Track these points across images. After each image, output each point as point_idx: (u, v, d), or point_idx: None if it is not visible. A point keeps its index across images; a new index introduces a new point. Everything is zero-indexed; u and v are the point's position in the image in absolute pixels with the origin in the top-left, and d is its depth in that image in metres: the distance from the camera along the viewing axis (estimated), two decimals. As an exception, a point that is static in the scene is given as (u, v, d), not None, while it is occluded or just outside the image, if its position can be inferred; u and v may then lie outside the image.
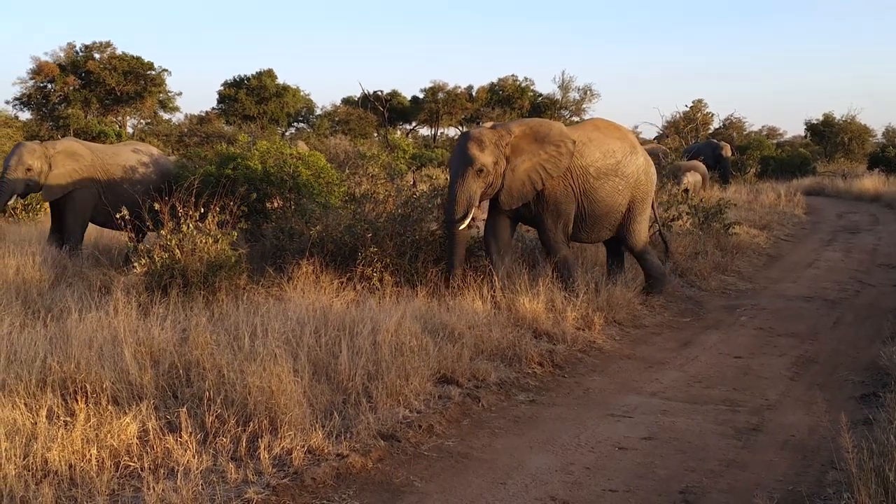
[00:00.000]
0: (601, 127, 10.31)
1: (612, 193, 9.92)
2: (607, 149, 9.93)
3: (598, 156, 9.81)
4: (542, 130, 9.53)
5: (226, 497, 4.43)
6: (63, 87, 38.45)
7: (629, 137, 10.47)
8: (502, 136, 9.28)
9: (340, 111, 42.68)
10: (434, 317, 7.73)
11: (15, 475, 4.37)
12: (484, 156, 9.05)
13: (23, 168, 11.06)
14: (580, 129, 10.03)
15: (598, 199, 9.84)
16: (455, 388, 6.58)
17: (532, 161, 9.33)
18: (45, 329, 6.70)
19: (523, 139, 9.41)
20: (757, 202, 22.80)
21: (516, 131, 9.44)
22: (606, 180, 9.84)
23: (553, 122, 9.80)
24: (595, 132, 10.04)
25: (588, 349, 8.19)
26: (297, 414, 5.37)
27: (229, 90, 42.26)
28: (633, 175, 10.12)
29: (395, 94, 45.08)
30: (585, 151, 9.70)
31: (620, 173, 9.98)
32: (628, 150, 10.15)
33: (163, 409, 5.47)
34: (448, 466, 5.26)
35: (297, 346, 6.41)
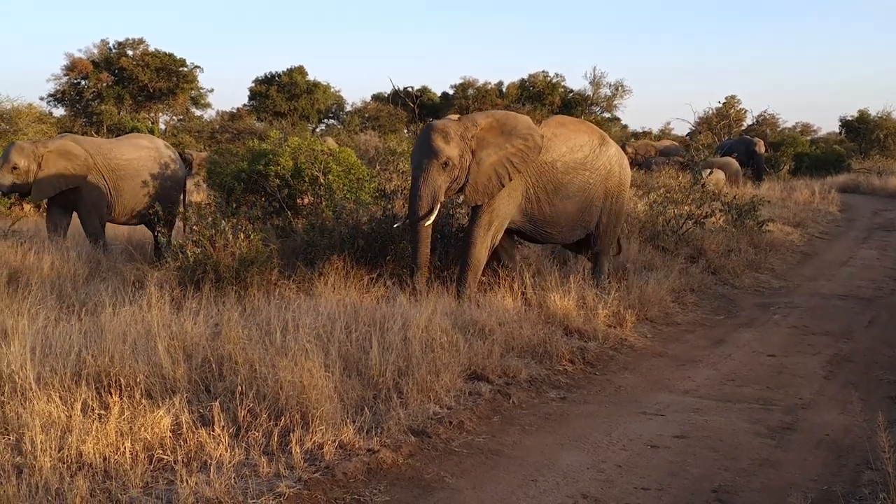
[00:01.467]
0: (566, 123, 9.88)
1: (584, 187, 9.50)
2: (574, 143, 9.50)
3: (564, 150, 9.36)
4: (509, 123, 9.06)
5: (258, 491, 4.45)
6: (96, 83, 38.87)
7: (597, 131, 10.05)
8: (468, 127, 8.80)
9: (370, 107, 42.76)
10: (464, 313, 7.72)
11: (50, 467, 4.42)
12: (449, 148, 8.55)
13: (9, 167, 11.08)
14: (544, 127, 9.57)
15: (570, 195, 9.40)
16: (485, 385, 6.57)
17: (499, 155, 8.81)
18: (80, 323, 6.76)
19: (490, 132, 8.91)
20: (791, 199, 22.60)
21: (482, 123, 8.94)
22: (576, 174, 9.41)
23: (520, 114, 9.41)
24: (560, 128, 9.58)
25: (619, 347, 8.15)
26: (329, 409, 5.38)
27: (260, 87, 42.51)
28: (605, 167, 9.72)
29: (426, 91, 45.12)
30: (551, 146, 9.23)
31: (590, 166, 9.56)
32: (597, 142, 9.73)
33: (195, 403, 5.50)
34: (479, 463, 5.25)
35: (327, 342, 6.43)
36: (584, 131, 9.77)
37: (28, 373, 5.38)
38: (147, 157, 12.14)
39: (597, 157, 9.63)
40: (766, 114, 43.93)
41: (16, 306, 7.10)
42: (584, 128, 9.93)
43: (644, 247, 11.99)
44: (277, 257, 9.06)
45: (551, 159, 9.19)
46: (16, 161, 11.05)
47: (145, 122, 36.39)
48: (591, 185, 9.55)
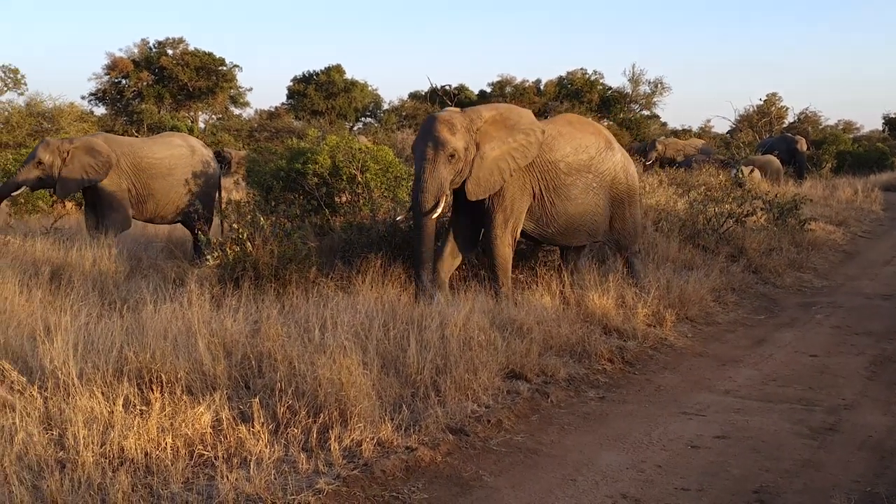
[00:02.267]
0: (574, 122, 9.66)
1: (586, 191, 9.21)
2: (579, 144, 9.24)
3: (568, 150, 9.11)
4: (512, 117, 8.87)
5: (297, 487, 4.47)
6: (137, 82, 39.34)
7: (604, 133, 9.78)
8: (473, 120, 8.62)
9: (407, 106, 42.84)
10: (502, 311, 7.70)
11: (92, 462, 4.47)
12: (456, 140, 8.37)
13: (34, 162, 11.29)
14: (551, 123, 9.40)
15: (571, 197, 9.10)
16: (524, 384, 6.55)
17: (502, 149, 8.63)
18: (122, 320, 6.84)
19: (493, 125, 8.72)
20: (833, 198, 22.29)
21: (486, 116, 8.75)
22: (579, 177, 9.14)
23: (523, 109, 9.22)
24: (567, 127, 9.37)
25: (659, 346, 8.08)
26: (367, 406, 5.39)
27: (298, 86, 42.75)
28: (610, 172, 9.45)
29: (463, 89, 45.08)
30: (555, 145, 9.02)
31: (594, 169, 9.29)
32: (603, 146, 9.47)
33: (235, 400, 5.53)
34: (517, 462, 5.23)
35: (365, 339, 6.44)
36: (591, 132, 9.54)
37: (71, 369, 5.45)
38: (179, 156, 12.22)
39: (602, 160, 9.38)
40: (807, 111, 43.39)
41: (58, 303, 7.21)
42: (592, 129, 9.70)
43: (684, 245, 11.87)
44: (315, 255, 9.09)
45: (554, 159, 8.98)
46: (41, 156, 11.28)
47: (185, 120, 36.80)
48: (594, 190, 9.30)
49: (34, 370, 5.67)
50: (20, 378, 5.45)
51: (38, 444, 4.63)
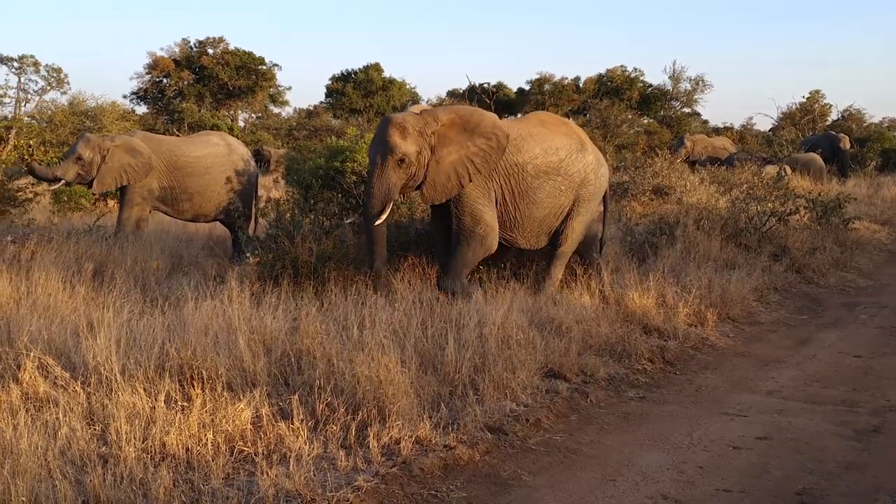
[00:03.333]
0: (547, 122, 9.22)
1: (554, 194, 8.82)
2: (550, 145, 8.81)
3: (537, 152, 8.70)
4: (472, 120, 8.46)
5: (336, 484, 4.48)
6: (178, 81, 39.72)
7: (577, 133, 9.34)
8: (428, 123, 8.27)
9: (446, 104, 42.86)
10: (541, 310, 7.67)
11: (134, 457, 4.51)
12: (406, 144, 8.08)
13: (74, 157, 11.43)
14: (522, 123, 9.08)
15: (538, 201, 8.74)
16: (562, 383, 6.51)
17: (460, 153, 8.28)
18: (163, 316, 6.91)
19: (451, 128, 8.37)
20: (878, 196, 21.92)
21: (444, 119, 8.39)
22: (547, 179, 8.73)
23: (485, 111, 8.73)
24: (539, 127, 8.96)
25: (700, 346, 8.00)
26: (405, 404, 5.39)
27: (337, 84, 42.90)
28: (580, 174, 9.00)
29: (501, 86, 44.99)
30: (524, 147, 8.63)
31: (564, 172, 8.86)
32: (575, 147, 9.02)
33: (275, 396, 5.56)
34: (556, 461, 5.20)
35: (404, 337, 6.45)
36: (564, 133, 9.10)
37: (113, 365, 5.51)
38: (216, 155, 12.29)
39: (572, 163, 8.94)
40: (851, 109, 42.69)
41: (101, 299, 7.29)
42: (566, 129, 9.27)
43: (726, 244, 11.76)
44: (354, 253, 9.12)
45: (522, 161, 8.60)
46: (81, 152, 11.42)
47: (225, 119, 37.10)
48: (562, 192, 8.89)
49: (77, 366, 5.75)
50: (63, 373, 5.53)
51: (81, 439, 4.68)
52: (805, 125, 38.53)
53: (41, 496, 4.01)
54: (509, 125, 8.77)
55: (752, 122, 45.11)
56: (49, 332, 6.29)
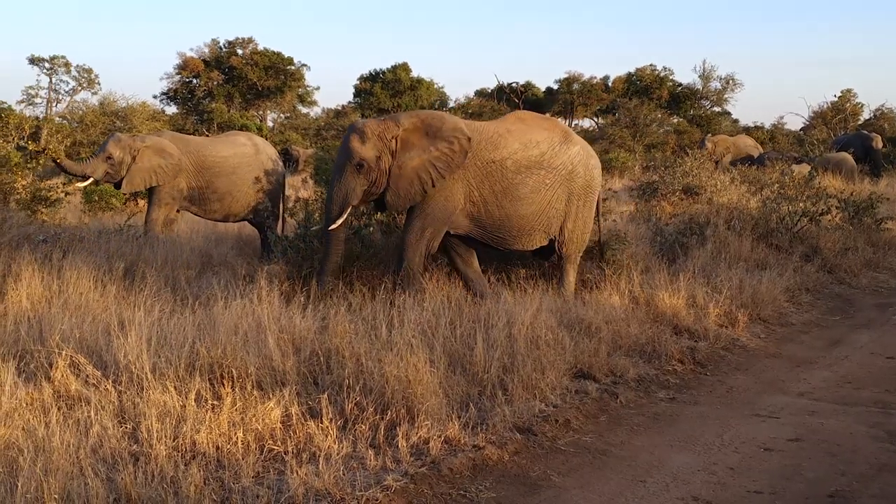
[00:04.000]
0: (525, 119, 8.98)
1: (539, 189, 8.49)
2: (528, 139, 8.52)
3: (516, 147, 8.41)
4: (434, 124, 8.27)
5: (366, 483, 4.48)
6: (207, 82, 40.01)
7: (560, 128, 9.06)
8: (388, 128, 8.15)
9: (474, 103, 42.74)
10: (570, 311, 7.64)
11: (165, 456, 4.53)
12: (364, 149, 8.00)
13: (104, 156, 11.50)
14: (499, 122, 8.86)
15: (522, 196, 8.42)
16: (592, 384, 6.49)
17: (422, 158, 8.10)
18: (193, 315, 6.95)
19: (413, 133, 8.21)
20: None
21: (406, 124, 8.25)
22: (529, 174, 8.43)
23: (447, 114, 8.57)
24: (517, 124, 8.72)
25: (731, 347, 7.94)
26: (434, 404, 5.39)
27: (365, 84, 43.00)
28: (566, 166, 8.65)
29: (530, 86, 44.93)
30: (501, 143, 8.37)
31: (547, 165, 8.53)
32: (557, 139, 8.69)
33: (304, 396, 5.57)
34: (586, 462, 5.18)
35: (432, 337, 6.44)
36: (544, 128, 8.82)
37: (144, 363, 5.55)
38: (243, 155, 12.33)
39: (555, 155, 8.60)
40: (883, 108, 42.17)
41: (132, 298, 7.35)
42: (546, 124, 9.00)
43: (757, 244, 11.66)
44: (382, 253, 9.12)
45: (500, 157, 8.33)
46: (111, 151, 11.49)
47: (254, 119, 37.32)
48: (548, 187, 8.55)
49: (108, 364, 5.80)
50: (95, 372, 5.58)
51: (113, 437, 4.72)
52: (836, 124, 38.11)
53: (73, 494, 4.03)
54: (484, 126, 8.58)
55: (782, 122, 44.69)
56: (80, 331, 6.34)
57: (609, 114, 41.56)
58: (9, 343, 6.18)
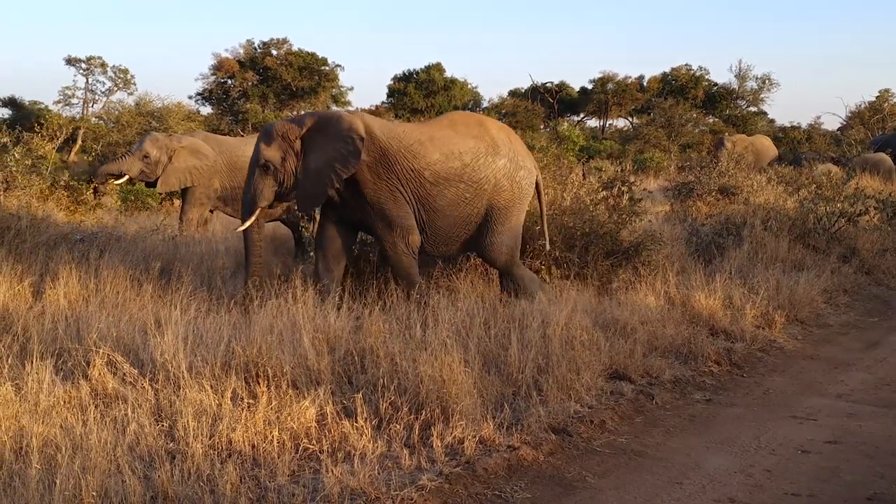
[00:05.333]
0: (458, 122, 8.52)
1: (458, 202, 8.12)
2: (451, 150, 8.11)
3: (436, 158, 8.03)
4: (331, 124, 8.04)
5: (400, 483, 4.48)
6: (242, 82, 40.26)
7: (490, 136, 8.43)
8: (292, 129, 8.03)
9: (507, 104, 42.70)
10: (605, 311, 7.60)
11: (202, 454, 4.56)
12: (269, 151, 7.93)
13: (140, 154, 11.58)
14: (427, 125, 8.57)
15: (438, 209, 8.09)
16: (627, 385, 6.45)
17: (322, 158, 7.90)
18: (229, 315, 7.00)
19: (317, 133, 8.03)
20: (950, 197, 21.30)
21: (308, 124, 8.09)
22: (448, 186, 8.06)
23: (345, 114, 8.25)
24: (445, 129, 8.31)
25: (768, 348, 7.86)
26: (468, 404, 5.38)
27: (398, 84, 43.10)
28: (489, 180, 8.22)
29: (563, 86, 44.75)
30: (420, 153, 7.99)
31: (468, 179, 8.12)
32: (483, 150, 8.24)
33: (339, 395, 5.58)
34: (621, 463, 5.14)
35: (466, 337, 6.44)
36: (473, 136, 8.33)
37: (180, 362, 5.60)
38: None
39: (478, 168, 8.19)
40: (924, 107, 41.55)
41: (168, 297, 7.40)
42: (477, 131, 8.44)
43: (794, 245, 11.54)
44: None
45: (419, 167, 7.97)
46: (148, 150, 11.60)
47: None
48: (468, 201, 8.17)
49: (145, 363, 5.85)
50: (132, 370, 5.63)
51: (150, 435, 4.76)
52: (874, 124, 37.59)
53: (111, 491, 4.07)
54: (408, 131, 8.26)
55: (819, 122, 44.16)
56: (117, 330, 6.40)
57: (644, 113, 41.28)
58: (47, 341, 6.25)
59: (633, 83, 43.02)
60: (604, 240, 9.27)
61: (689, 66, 43.33)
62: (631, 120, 44.28)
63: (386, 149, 7.89)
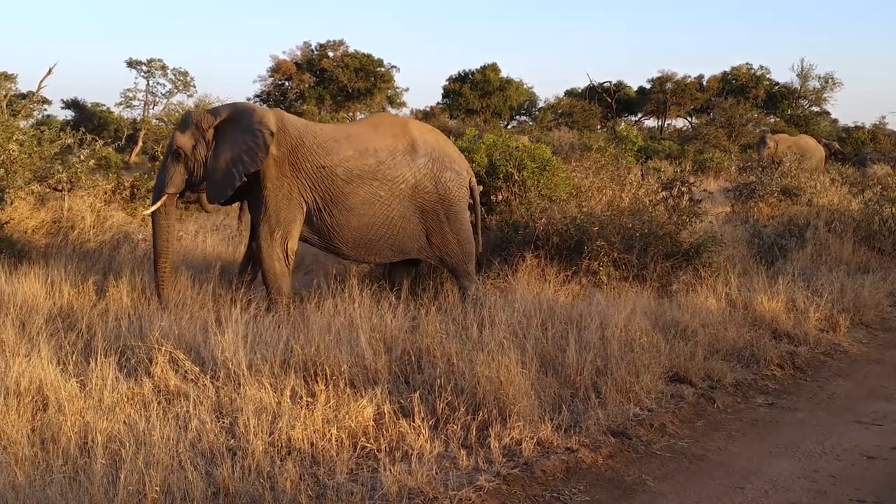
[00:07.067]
0: (381, 123, 8.41)
1: (372, 201, 7.94)
2: (366, 146, 7.97)
3: (349, 154, 7.88)
4: (244, 116, 7.88)
5: (458, 483, 4.47)
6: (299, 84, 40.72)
7: (411, 136, 8.24)
8: (206, 118, 7.93)
9: (563, 103, 42.56)
10: (665, 313, 7.51)
11: (262, 451, 4.60)
12: (182, 138, 7.82)
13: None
14: (349, 124, 8.41)
15: (352, 207, 7.89)
16: (688, 388, 6.36)
17: (232, 151, 7.76)
18: (287, 314, 7.06)
19: (228, 124, 7.89)
20: None
21: (223, 115, 7.96)
22: (361, 184, 7.88)
23: (259, 108, 8.13)
24: (365, 128, 8.23)
25: (832, 352, 7.69)
26: (525, 405, 5.35)
27: (454, 85, 43.21)
28: (407, 179, 8.05)
29: (622, 85, 44.45)
30: (334, 149, 7.85)
31: (382, 176, 7.95)
32: (401, 149, 8.09)
33: (396, 394, 5.60)
34: (682, 467, 5.07)
35: (523, 338, 6.41)
36: (392, 134, 8.20)
37: (240, 360, 5.66)
38: None
39: (393, 166, 8.03)
40: None
41: (228, 296, 7.49)
42: (397, 130, 8.29)
43: (858, 247, 11.31)
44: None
45: (331, 164, 7.82)
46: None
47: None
48: (383, 200, 7.99)
49: (206, 360, 5.92)
50: (193, 368, 5.71)
51: (211, 431, 4.81)
52: (940, 122, 36.68)
53: (173, 486, 4.12)
54: (323, 128, 8.16)
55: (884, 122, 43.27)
56: (179, 328, 6.50)
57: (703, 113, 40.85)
58: (110, 339, 6.38)
59: (692, 83, 42.60)
60: (663, 241, 9.17)
61: (750, 65, 42.81)
62: (690, 120, 43.82)
63: (298, 145, 7.79)
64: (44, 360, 5.54)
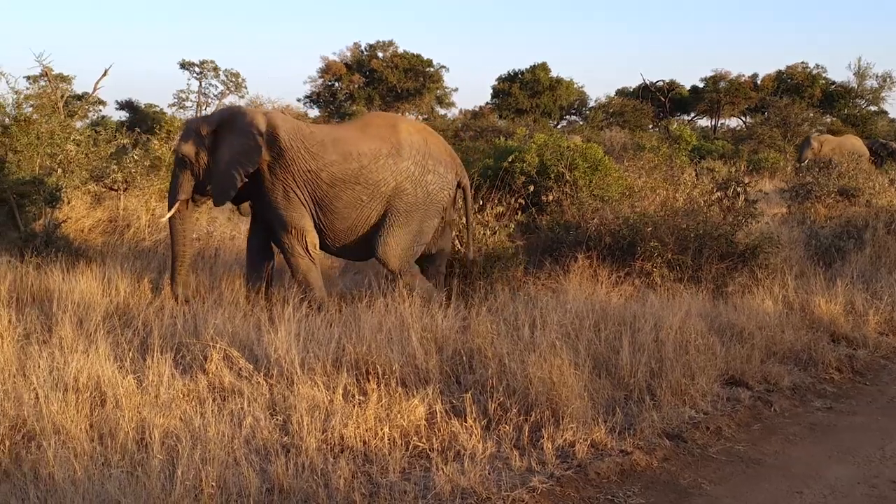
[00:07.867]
0: (370, 124, 8.33)
1: (354, 204, 7.91)
2: (350, 151, 7.90)
3: (334, 159, 7.83)
4: (236, 120, 7.98)
5: (511, 483, 4.45)
6: (349, 85, 40.97)
7: (396, 138, 8.11)
8: (203, 124, 8.07)
9: (615, 103, 42.20)
10: (720, 315, 7.41)
11: (315, 448, 4.63)
12: (185, 146, 7.96)
13: None
14: (339, 126, 8.38)
15: (335, 211, 7.92)
16: (744, 391, 6.25)
17: (230, 154, 7.86)
18: (339, 313, 7.09)
19: (226, 129, 7.99)
20: None
21: (217, 119, 8.12)
22: (344, 188, 7.87)
23: (250, 109, 8.20)
24: (353, 130, 8.19)
25: (893, 356, 7.52)
26: (579, 407, 5.31)
27: (503, 84, 43.10)
28: (388, 182, 7.95)
29: (673, 85, 44.01)
30: (319, 154, 7.82)
31: (364, 181, 7.89)
32: (385, 152, 7.99)
33: (447, 394, 5.59)
34: (738, 471, 4.99)
35: (576, 339, 6.35)
36: (378, 137, 8.09)
37: (293, 358, 5.70)
38: None
39: (376, 170, 7.94)
40: None
41: (281, 294, 7.55)
42: (386, 133, 8.17)
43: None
44: (523, 254, 9.08)
45: (316, 168, 7.80)
46: None
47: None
48: (365, 204, 7.96)
49: (259, 358, 5.97)
50: (247, 365, 5.76)
51: (265, 428, 4.85)
52: None
53: (229, 482, 4.16)
54: (313, 132, 8.09)
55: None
56: (233, 326, 6.56)
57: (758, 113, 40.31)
58: (166, 336, 6.46)
59: (746, 82, 42.07)
60: (718, 242, 9.05)
61: (806, 63, 42.15)
62: (744, 119, 43.27)
63: (286, 149, 7.78)
64: (101, 356, 5.62)
